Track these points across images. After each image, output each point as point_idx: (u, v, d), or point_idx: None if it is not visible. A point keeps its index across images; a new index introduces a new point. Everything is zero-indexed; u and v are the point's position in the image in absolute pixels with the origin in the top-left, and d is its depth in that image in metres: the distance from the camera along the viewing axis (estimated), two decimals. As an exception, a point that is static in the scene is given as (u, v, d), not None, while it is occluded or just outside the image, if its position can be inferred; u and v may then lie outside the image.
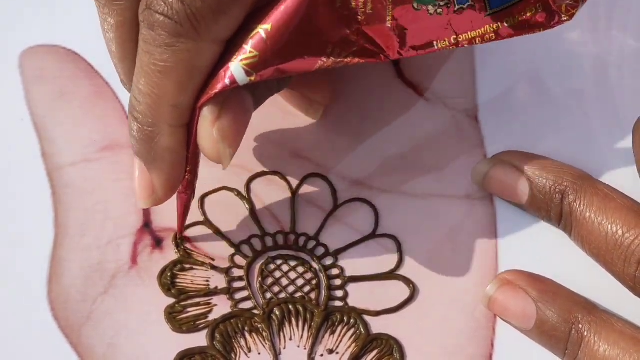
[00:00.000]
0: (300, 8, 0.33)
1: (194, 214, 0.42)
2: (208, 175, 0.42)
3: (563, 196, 0.39)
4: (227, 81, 0.34)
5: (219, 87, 0.34)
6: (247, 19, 0.35)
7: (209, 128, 0.35)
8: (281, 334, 0.40)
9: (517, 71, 0.43)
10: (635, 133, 0.38)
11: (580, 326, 0.37)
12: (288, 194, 0.42)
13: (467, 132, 0.43)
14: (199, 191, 0.42)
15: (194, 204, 0.42)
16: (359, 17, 0.34)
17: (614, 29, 0.44)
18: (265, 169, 0.43)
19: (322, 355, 0.40)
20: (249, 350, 0.40)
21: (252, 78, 0.34)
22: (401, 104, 0.43)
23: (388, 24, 0.35)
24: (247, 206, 0.42)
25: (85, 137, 0.43)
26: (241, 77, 0.34)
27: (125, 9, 0.36)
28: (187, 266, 0.41)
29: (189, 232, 0.42)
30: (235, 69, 0.34)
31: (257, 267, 0.41)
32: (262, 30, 0.34)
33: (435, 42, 0.36)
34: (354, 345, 0.40)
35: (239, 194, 0.42)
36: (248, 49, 0.34)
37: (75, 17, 0.45)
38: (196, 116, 0.35)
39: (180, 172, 0.38)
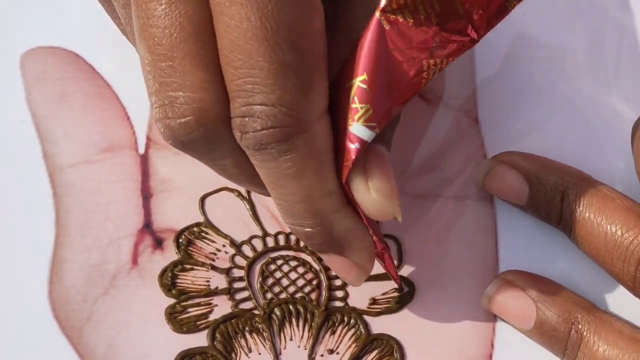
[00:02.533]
0: (381, 44, 0.33)
1: (195, 215, 0.42)
2: (208, 175, 0.42)
3: (563, 196, 0.39)
4: (357, 145, 0.33)
5: (353, 156, 0.33)
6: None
7: (367, 195, 0.34)
8: (281, 334, 0.40)
9: (517, 72, 0.43)
10: (634, 133, 0.38)
11: (580, 326, 0.38)
12: (288, 195, 0.42)
13: (467, 132, 0.43)
14: (199, 191, 0.42)
15: (195, 204, 0.42)
16: (433, 20, 0.34)
17: (612, 29, 0.44)
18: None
19: (322, 356, 0.40)
20: (250, 350, 0.40)
21: (377, 130, 0.33)
22: (401, 105, 0.43)
23: (460, 11, 0.34)
24: (247, 206, 0.42)
25: (86, 138, 0.43)
26: (367, 135, 0.33)
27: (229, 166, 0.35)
28: (188, 266, 0.41)
29: (189, 232, 0.42)
30: (358, 130, 0.33)
31: (258, 267, 0.41)
32: (360, 82, 0.33)
33: (505, 4, 0.35)
34: (354, 345, 0.40)
35: (239, 194, 0.42)
36: (359, 107, 0.33)
37: (76, 19, 0.45)
38: (348, 192, 0.35)
39: (368, 239, 0.36)
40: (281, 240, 0.42)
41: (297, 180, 0.33)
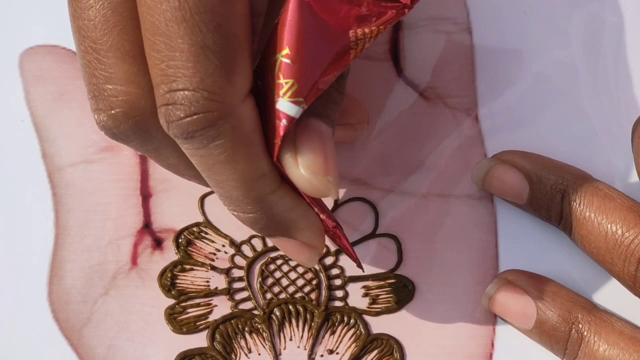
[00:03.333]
0: (303, 17, 0.32)
1: (194, 215, 0.42)
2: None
3: (563, 195, 0.39)
4: (284, 122, 0.32)
5: (281, 132, 0.33)
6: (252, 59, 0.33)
7: (297, 171, 0.33)
8: (281, 334, 0.40)
9: (517, 71, 0.43)
10: (634, 133, 0.38)
11: (580, 326, 0.37)
12: (288, 194, 0.42)
13: (467, 131, 0.43)
14: (199, 192, 0.42)
15: (194, 204, 0.42)
16: None
17: (611, 28, 0.43)
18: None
19: (322, 356, 0.40)
20: (249, 350, 0.40)
21: (304, 105, 0.32)
22: (401, 103, 0.43)
23: None
24: (247, 206, 0.42)
25: (85, 137, 0.43)
26: (294, 110, 0.32)
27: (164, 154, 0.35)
28: (187, 267, 0.41)
29: (188, 232, 0.42)
30: (284, 106, 0.32)
31: (258, 267, 0.41)
32: (283, 57, 0.32)
33: None
34: (354, 345, 0.40)
35: (239, 194, 0.42)
36: (283, 82, 0.32)
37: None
38: (282, 170, 0.34)
39: (312, 217, 0.36)
40: (281, 240, 0.42)
41: (229, 165, 0.33)
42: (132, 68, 0.32)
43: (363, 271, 0.41)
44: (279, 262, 0.41)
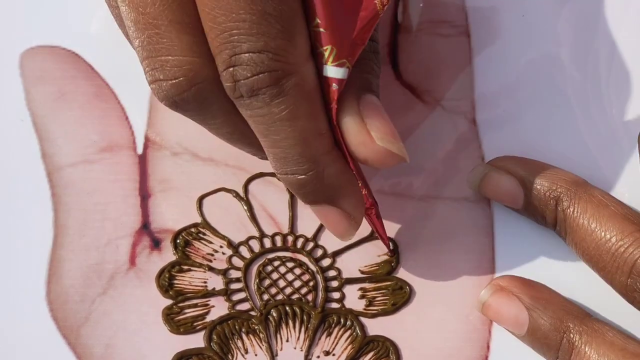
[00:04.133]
0: None
1: (192, 215, 0.42)
2: (206, 176, 0.42)
3: (557, 202, 0.39)
4: (334, 86, 0.34)
5: (335, 96, 0.35)
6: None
7: (365, 138, 0.35)
8: (278, 335, 0.40)
9: (515, 75, 0.43)
10: None
11: (572, 335, 0.38)
12: (286, 195, 0.42)
13: (464, 134, 0.43)
14: (197, 192, 0.42)
15: (193, 205, 0.42)
16: None
17: (611, 28, 0.43)
18: (263, 170, 0.43)
19: (318, 357, 0.40)
20: (246, 351, 0.40)
21: (348, 65, 0.34)
22: (399, 106, 0.43)
23: None
24: (245, 207, 0.42)
25: (85, 137, 0.43)
26: (341, 72, 0.34)
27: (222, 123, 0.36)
28: (185, 267, 0.41)
29: (186, 233, 0.42)
30: (330, 71, 0.34)
31: (255, 268, 0.41)
32: (315, 27, 0.34)
33: None
34: (350, 347, 0.40)
35: (237, 195, 0.42)
36: (322, 50, 0.34)
37: (75, 18, 0.45)
38: (337, 134, 0.35)
39: (357, 186, 0.37)
40: (278, 241, 0.42)
41: (290, 122, 0.34)
42: (193, 39, 0.34)
43: (392, 256, 0.41)
44: (276, 263, 0.41)
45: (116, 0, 0.35)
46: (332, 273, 0.41)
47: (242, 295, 0.41)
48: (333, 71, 0.34)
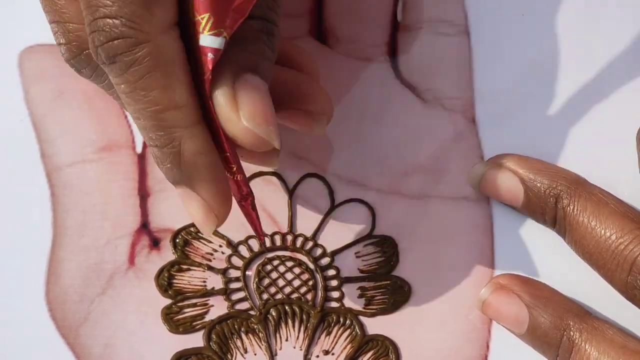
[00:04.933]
0: None
1: (192, 215, 0.42)
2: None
3: (557, 200, 0.39)
4: (210, 56, 0.33)
5: (210, 66, 0.34)
6: None
7: (239, 124, 0.34)
8: (277, 334, 0.40)
9: (515, 74, 0.43)
10: (638, 140, 0.38)
11: (572, 333, 0.38)
12: (285, 195, 0.42)
13: (464, 133, 0.43)
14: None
15: (192, 204, 0.42)
16: None
17: (610, 29, 0.43)
18: (262, 170, 0.43)
19: (317, 356, 0.40)
20: (245, 351, 0.40)
21: (225, 35, 0.33)
22: (399, 105, 0.43)
23: None
24: (245, 206, 0.42)
25: (84, 137, 0.43)
26: (217, 42, 0.33)
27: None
28: (184, 267, 0.41)
29: (185, 233, 0.42)
30: (206, 40, 0.33)
31: (254, 268, 0.41)
32: None
33: None
34: (349, 346, 0.40)
35: (236, 194, 0.42)
36: (199, 18, 0.33)
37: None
38: (211, 109, 0.34)
39: (223, 175, 0.36)
40: (277, 240, 0.42)
41: (144, 92, 0.34)
42: (78, 6, 0.35)
43: (263, 243, 0.41)
44: (275, 262, 0.41)
45: None
46: (331, 272, 0.41)
47: (241, 294, 0.41)
48: (209, 40, 0.33)
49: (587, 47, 0.43)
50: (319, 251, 0.42)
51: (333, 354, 0.40)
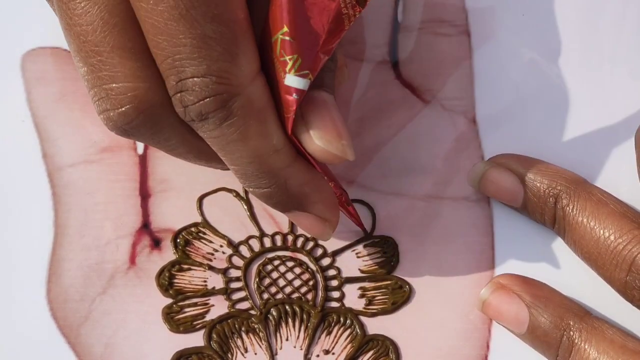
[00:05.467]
0: None
1: (192, 215, 0.42)
2: (206, 176, 0.42)
3: (556, 200, 0.39)
4: (294, 96, 0.34)
5: (293, 107, 0.34)
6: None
7: (313, 143, 0.35)
8: (278, 334, 0.41)
9: (515, 74, 0.43)
10: (637, 139, 0.38)
11: (572, 333, 0.38)
12: (286, 195, 0.42)
13: (464, 133, 0.43)
14: (197, 192, 0.42)
15: (193, 204, 0.42)
16: None
17: (610, 29, 0.43)
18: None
19: (318, 356, 0.40)
20: (246, 350, 0.40)
21: (310, 77, 0.34)
22: (399, 105, 0.43)
23: None
24: (245, 207, 0.42)
25: (85, 138, 0.43)
26: (302, 84, 0.34)
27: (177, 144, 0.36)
28: (185, 267, 0.41)
29: (186, 233, 0.42)
30: (292, 81, 0.34)
31: (255, 267, 0.41)
32: (282, 35, 0.34)
33: None
34: (349, 345, 0.40)
35: (237, 194, 0.43)
36: (287, 59, 0.34)
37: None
38: (297, 144, 0.35)
39: (327, 190, 0.37)
40: (278, 240, 0.42)
41: (242, 142, 0.34)
42: (137, 64, 0.33)
43: (367, 233, 0.42)
44: (276, 262, 0.42)
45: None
46: (331, 272, 0.41)
47: (242, 294, 0.41)
48: (295, 81, 0.34)
49: (587, 46, 0.43)
50: (319, 251, 0.42)
51: (333, 353, 0.40)
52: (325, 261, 0.42)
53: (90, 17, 0.33)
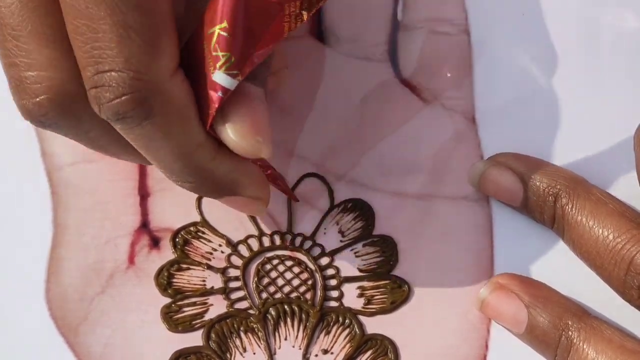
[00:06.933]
0: None
1: (191, 214, 0.42)
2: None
3: (556, 199, 0.39)
4: (219, 93, 0.33)
5: (216, 104, 0.33)
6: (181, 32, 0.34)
7: (228, 136, 0.34)
8: (276, 333, 0.41)
9: (514, 73, 0.43)
10: (636, 139, 0.38)
11: (570, 333, 0.38)
12: (284, 194, 0.42)
13: (464, 133, 0.43)
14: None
15: (192, 204, 0.42)
16: None
17: (610, 29, 0.43)
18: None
19: (316, 355, 0.40)
20: (244, 349, 0.40)
21: (239, 77, 0.33)
22: (399, 105, 0.43)
23: None
24: (244, 206, 0.42)
25: (84, 137, 0.43)
26: (230, 83, 0.33)
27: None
28: (184, 266, 0.41)
29: (185, 232, 0.42)
30: (220, 78, 0.33)
31: (254, 267, 0.41)
32: (220, 29, 0.33)
33: None
34: (348, 345, 0.40)
35: (236, 194, 0.42)
36: (220, 54, 0.33)
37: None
38: (217, 136, 0.35)
39: (255, 171, 0.37)
40: (277, 240, 0.42)
41: (164, 140, 0.33)
42: (54, 53, 0.32)
43: (297, 201, 0.42)
44: (275, 262, 0.41)
45: None
46: (330, 272, 0.41)
47: (240, 293, 0.41)
48: (222, 78, 0.33)
49: (586, 46, 0.43)
50: (318, 251, 0.42)
51: (332, 353, 0.40)
52: (324, 260, 0.42)
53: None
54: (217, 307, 0.41)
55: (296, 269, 0.41)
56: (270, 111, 0.35)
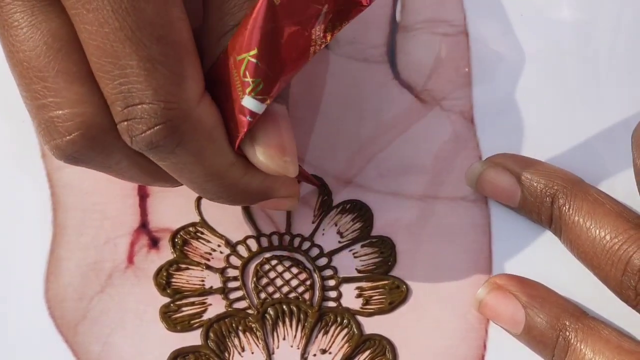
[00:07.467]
0: (271, 19, 0.33)
1: (191, 215, 0.42)
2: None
3: (553, 200, 0.39)
4: (248, 118, 0.34)
5: (245, 128, 0.34)
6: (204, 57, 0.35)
7: (256, 158, 0.35)
8: (275, 333, 0.41)
9: (513, 74, 0.43)
10: (634, 139, 0.38)
11: (567, 333, 0.38)
12: (284, 195, 0.43)
13: (462, 133, 0.43)
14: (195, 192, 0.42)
15: (191, 204, 0.42)
16: None
17: (609, 29, 0.43)
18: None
19: (314, 355, 0.40)
20: (243, 349, 0.40)
21: (268, 102, 0.34)
22: (397, 105, 0.43)
23: None
24: (242, 207, 0.42)
25: (84, 137, 0.43)
26: (259, 107, 0.34)
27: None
28: (183, 266, 0.42)
29: (184, 232, 0.42)
30: (249, 103, 0.34)
31: (252, 267, 0.42)
32: (250, 56, 0.33)
33: None
34: (346, 345, 0.40)
35: (235, 194, 0.43)
36: (250, 80, 0.33)
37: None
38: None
39: (286, 177, 0.37)
40: (275, 240, 0.42)
41: (198, 165, 0.34)
42: (82, 89, 0.33)
43: (319, 186, 0.42)
44: (273, 262, 0.42)
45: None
46: (329, 272, 0.41)
47: (239, 293, 0.41)
48: (252, 103, 0.34)
49: (585, 46, 0.43)
50: (316, 251, 0.42)
51: (330, 353, 0.40)
52: (323, 261, 0.42)
53: (34, 43, 0.33)
54: (216, 306, 0.41)
55: (295, 269, 0.41)
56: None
